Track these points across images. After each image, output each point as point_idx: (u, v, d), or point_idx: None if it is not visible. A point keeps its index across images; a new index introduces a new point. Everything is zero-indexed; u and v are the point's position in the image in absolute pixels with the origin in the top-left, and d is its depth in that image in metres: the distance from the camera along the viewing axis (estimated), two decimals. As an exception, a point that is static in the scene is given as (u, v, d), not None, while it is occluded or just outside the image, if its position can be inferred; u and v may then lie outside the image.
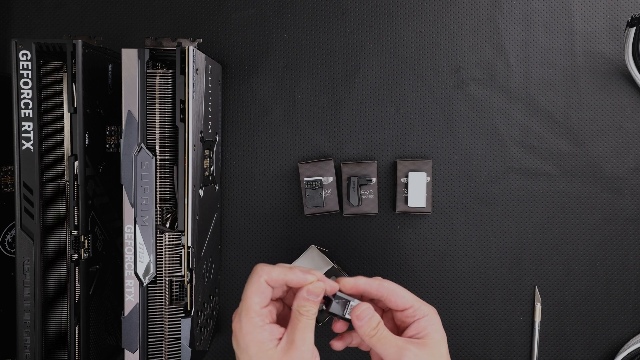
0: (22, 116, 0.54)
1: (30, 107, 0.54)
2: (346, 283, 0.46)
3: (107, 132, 0.60)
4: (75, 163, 0.55)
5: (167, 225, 0.57)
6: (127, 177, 0.55)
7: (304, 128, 0.70)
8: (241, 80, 0.70)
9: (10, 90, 0.54)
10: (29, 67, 0.53)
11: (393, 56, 0.69)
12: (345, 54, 0.70)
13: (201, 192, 0.59)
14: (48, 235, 0.56)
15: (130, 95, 0.55)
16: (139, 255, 0.56)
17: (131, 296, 0.56)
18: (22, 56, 0.53)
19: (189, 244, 0.55)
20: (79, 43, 0.54)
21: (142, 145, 0.55)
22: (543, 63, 0.69)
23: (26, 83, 0.53)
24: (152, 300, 0.56)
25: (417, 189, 0.65)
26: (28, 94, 0.54)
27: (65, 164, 0.56)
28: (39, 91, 0.54)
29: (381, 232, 0.69)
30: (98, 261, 0.59)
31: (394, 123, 0.69)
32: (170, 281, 0.57)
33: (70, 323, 0.56)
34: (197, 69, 0.56)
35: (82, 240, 0.55)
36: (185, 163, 0.55)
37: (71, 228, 0.56)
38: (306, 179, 0.66)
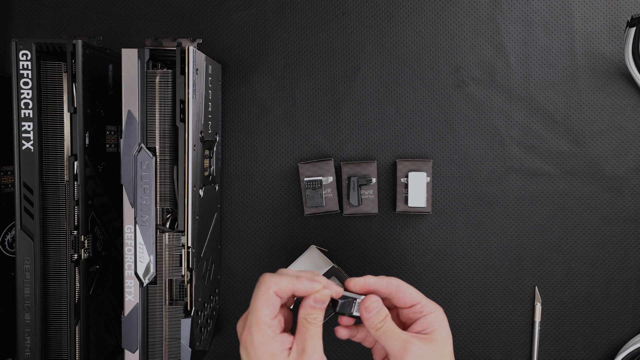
0: (22, 116, 0.54)
1: (30, 107, 0.54)
2: (357, 283, 0.47)
3: (107, 132, 0.60)
4: (75, 163, 0.55)
5: (167, 225, 0.57)
6: (127, 177, 0.55)
7: (304, 128, 0.70)
8: (241, 80, 0.70)
9: (10, 90, 0.54)
10: (29, 67, 0.53)
11: (393, 56, 0.69)
12: (345, 54, 0.70)
13: (201, 192, 0.59)
14: (48, 235, 0.56)
15: (130, 95, 0.55)
16: (139, 255, 0.56)
17: (131, 296, 0.56)
18: (22, 56, 0.53)
19: (189, 244, 0.55)
20: (79, 43, 0.54)
21: (142, 145, 0.55)
22: (543, 63, 0.69)
23: (26, 83, 0.53)
24: (152, 300, 0.56)
25: (417, 189, 0.65)
26: (28, 94, 0.54)
27: (65, 164, 0.56)
28: (39, 91, 0.54)
29: (381, 232, 0.69)
30: (98, 261, 0.59)
31: (394, 123, 0.69)
32: (170, 281, 0.57)
33: (70, 323, 0.56)
34: (197, 69, 0.56)
35: (82, 240, 0.55)
36: (185, 163, 0.55)
37: (71, 228, 0.56)
38: (306, 179, 0.66)
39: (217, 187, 0.67)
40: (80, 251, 0.55)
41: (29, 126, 0.54)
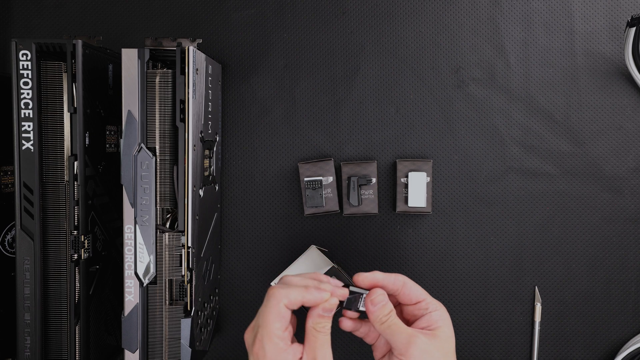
0: (22, 116, 0.54)
1: (30, 107, 0.54)
2: (365, 278, 0.47)
3: (107, 132, 0.60)
4: (75, 163, 0.55)
5: (167, 225, 0.57)
6: (127, 177, 0.55)
7: (304, 128, 0.70)
8: (241, 80, 0.70)
9: (10, 90, 0.54)
10: (29, 67, 0.53)
11: (393, 56, 0.69)
12: (345, 54, 0.70)
13: (201, 192, 0.59)
14: (48, 235, 0.56)
15: (130, 95, 0.55)
16: (139, 255, 0.56)
17: (131, 296, 0.56)
18: (22, 56, 0.53)
19: (189, 244, 0.55)
20: (79, 43, 0.54)
21: (142, 145, 0.55)
22: (543, 63, 0.69)
23: (26, 83, 0.53)
24: (152, 300, 0.56)
25: (417, 189, 0.65)
26: (28, 94, 0.54)
27: (65, 164, 0.56)
28: (39, 91, 0.54)
29: (381, 232, 0.69)
30: (98, 261, 0.59)
31: (394, 123, 0.69)
32: (170, 281, 0.57)
33: (70, 323, 0.56)
34: (197, 69, 0.56)
35: (82, 240, 0.55)
36: (185, 163, 0.55)
37: (71, 228, 0.56)
38: (306, 179, 0.66)
39: (217, 187, 0.67)
40: (80, 251, 0.55)
41: (29, 126, 0.54)
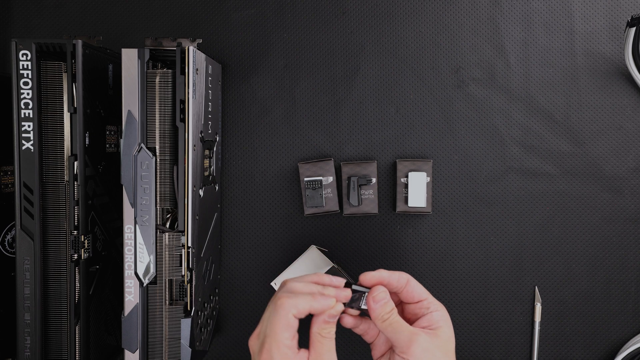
0: (22, 116, 0.54)
1: (30, 107, 0.54)
2: (372, 277, 0.47)
3: (107, 132, 0.60)
4: (75, 163, 0.55)
5: (167, 225, 0.57)
6: (127, 177, 0.55)
7: (304, 128, 0.70)
8: (241, 80, 0.70)
9: (10, 90, 0.54)
10: (29, 67, 0.53)
11: (393, 56, 0.69)
12: (345, 54, 0.70)
13: (201, 192, 0.59)
14: (48, 235, 0.56)
15: (130, 95, 0.55)
16: (139, 255, 0.56)
17: (131, 296, 0.56)
18: (22, 56, 0.53)
19: (189, 244, 0.55)
20: (79, 43, 0.54)
21: (142, 145, 0.55)
22: (543, 63, 0.69)
23: (26, 83, 0.53)
24: (152, 300, 0.56)
25: (417, 189, 0.65)
26: (28, 94, 0.54)
27: (65, 164, 0.56)
28: (39, 91, 0.54)
29: (381, 232, 0.69)
30: (98, 261, 0.59)
31: (394, 123, 0.69)
32: (170, 281, 0.57)
33: (70, 323, 0.56)
34: (197, 69, 0.56)
35: (82, 240, 0.55)
36: (185, 163, 0.55)
37: (71, 228, 0.56)
38: (306, 179, 0.66)
39: (217, 187, 0.67)
40: (80, 251, 0.55)
41: (29, 126, 0.54)
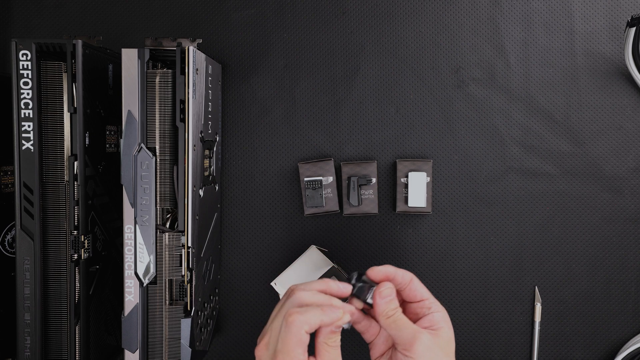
0: (22, 116, 0.54)
1: (30, 107, 0.54)
2: (378, 272, 0.48)
3: (107, 132, 0.60)
4: (75, 163, 0.55)
5: (167, 225, 0.57)
6: (127, 177, 0.55)
7: (304, 128, 0.70)
8: (241, 80, 0.70)
9: (10, 90, 0.54)
10: (29, 67, 0.53)
11: (393, 56, 0.69)
12: (345, 54, 0.70)
13: (201, 192, 0.59)
14: (48, 235, 0.56)
15: (130, 95, 0.55)
16: (139, 255, 0.56)
17: (131, 296, 0.56)
18: (22, 56, 0.53)
19: (189, 244, 0.55)
20: (79, 43, 0.54)
21: (142, 145, 0.55)
22: (543, 63, 0.69)
23: (26, 83, 0.53)
24: (152, 300, 0.56)
25: (417, 189, 0.65)
26: (28, 94, 0.54)
27: (65, 164, 0.56)
28: (39, 91, 0.54)
29: (381, 232, 0.69)
30: (98, 261, 0.59)
31: (394, 123, 0.69)
32: (170, 281, 0.57)
33: (70, 323, 0.56)
34: (197, 69, 0.56)
35: (82, 240, 0.55)
36: (185, 163, 0.55)
37: (71, 228, 0.56)
38: (306, 179, 0.66)
39: (217, 187, 0.67)
40: (80, 251, 0.55)
41: (29, 126, 0.54)
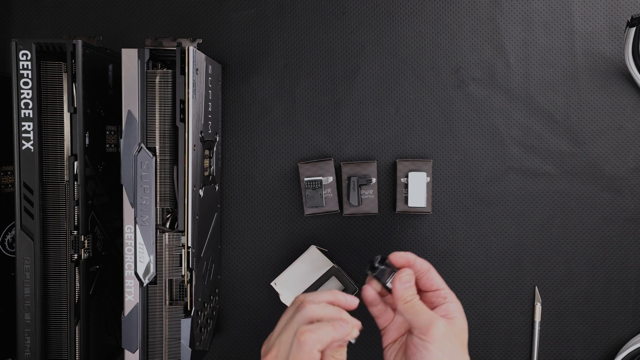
0: (22, 116, 0.54)
1: (30, 107, 0.54)
2: (400, 257, 0.50)
3: (107, 132, 0.60)
4: (75, 163, 0.55)
5: (167, 225, 0.57)
6: (127, 177, 0.55)
7: (304, 128, 0.70)
8: (241, 80, 0.70)
9: (10, 90, 0.54)
10: (29, 67, 0.53)
11: (393, 56, 0.69)
12: (345, 54, 0.70)
13: (201, 192, 0.59)
14: (48, 235, 0.56)
15: (130, 95, 0.55)
16: (139, 255, 0.56)
17: (131, 296, 0.56)
18: (22, 56, 0.53)
19: (189, 244, 0.55)
20: (79, 43, 0.54)
21: (142, 145, 0.55)
22: (543, 63, 0.69)
23: (26, 83, 0.53)
24: (152, 300, 0.56)
25: (417, 189, 0.65)
26: (28, 94, 0.54)
27: (65, 164, 0.56)
28: (39, 91, 0.54)
29: (381, 232, 0.69)
30: (98, 261, 0.59)
31: (394, 123, 0.69)
32: (170, 281, 0.57)
33: (70, 323, 0.56)
34: (197, 69, 0.56)
35: (82, 240, 0.55)
36: (185, 163, 0.55)
37: (71, 228, 0.56)
38: (306, 179, 0.66)
39: (217, 187, 0.67)
40: (80, 251, 0.55)
41: (29, 126, 0.54)
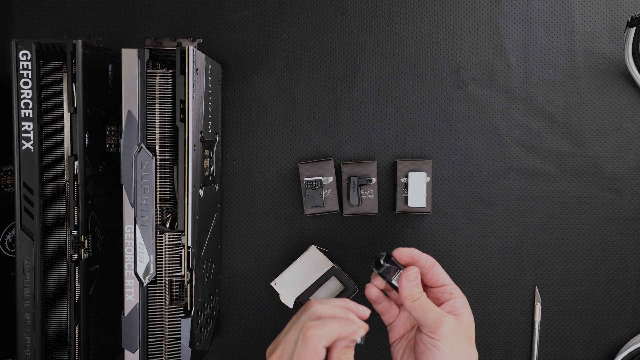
0: (22, 116, 0.54)
1: (30, 107, 0.54)
2: (404, 253, 0.50)
3: (107, 132, 0.60)
4: (75, 163, 0.55)
5: (167, 225, 0.57)
6: (127, 177, 0.55)
7: (304, 128, 0.70)
8: (241, 80, 0.70)
9: (10, 90, 0.54)
10: (29, 67, 0.53)
11: (393, 56, 0.69)
12: (345, 54, 0.70)
13: (201, 192, 0.59)
14: (48, 235, 0.56)
15: (130, 95, 0.55)
16: (139, 255, 0.56)
17: (131, 296, 0.56)
18: (22, 56, 0.53)
19: (189, 244, 0.55)
20: (79, 43, 0.54)
21: (142, 145, 0.55)
22: (543, 63, 0.69)
23: (26, 83, 0.53)
24: (152, 300, 0.56)
25: (417, 189, 0.65)
26: (28, 94, 0.54)
27: (65, 164, 0.56)
28: (39, 91, 0.54)
29: (381, 232, 0.69)
30: (98, 261, 0.59)
31: (394, 123, 0.69)
32: (170, 281, 0.57)
33: (70, 323, 0.56)
34: (197, 69, 0.56)
35: (82, 240, 0.55)
36: (185, 163, 0.55)
37: (71, 228, 0.56)
38: (306, 179, 0.66)
39: (217, 187, 0.67)
40: (80, 251, 0.55)
41: (29, 126, 0.54)
